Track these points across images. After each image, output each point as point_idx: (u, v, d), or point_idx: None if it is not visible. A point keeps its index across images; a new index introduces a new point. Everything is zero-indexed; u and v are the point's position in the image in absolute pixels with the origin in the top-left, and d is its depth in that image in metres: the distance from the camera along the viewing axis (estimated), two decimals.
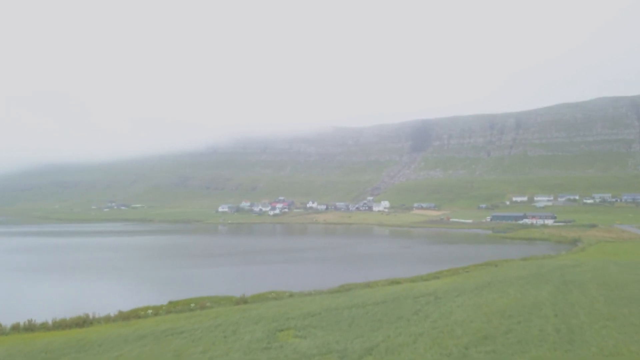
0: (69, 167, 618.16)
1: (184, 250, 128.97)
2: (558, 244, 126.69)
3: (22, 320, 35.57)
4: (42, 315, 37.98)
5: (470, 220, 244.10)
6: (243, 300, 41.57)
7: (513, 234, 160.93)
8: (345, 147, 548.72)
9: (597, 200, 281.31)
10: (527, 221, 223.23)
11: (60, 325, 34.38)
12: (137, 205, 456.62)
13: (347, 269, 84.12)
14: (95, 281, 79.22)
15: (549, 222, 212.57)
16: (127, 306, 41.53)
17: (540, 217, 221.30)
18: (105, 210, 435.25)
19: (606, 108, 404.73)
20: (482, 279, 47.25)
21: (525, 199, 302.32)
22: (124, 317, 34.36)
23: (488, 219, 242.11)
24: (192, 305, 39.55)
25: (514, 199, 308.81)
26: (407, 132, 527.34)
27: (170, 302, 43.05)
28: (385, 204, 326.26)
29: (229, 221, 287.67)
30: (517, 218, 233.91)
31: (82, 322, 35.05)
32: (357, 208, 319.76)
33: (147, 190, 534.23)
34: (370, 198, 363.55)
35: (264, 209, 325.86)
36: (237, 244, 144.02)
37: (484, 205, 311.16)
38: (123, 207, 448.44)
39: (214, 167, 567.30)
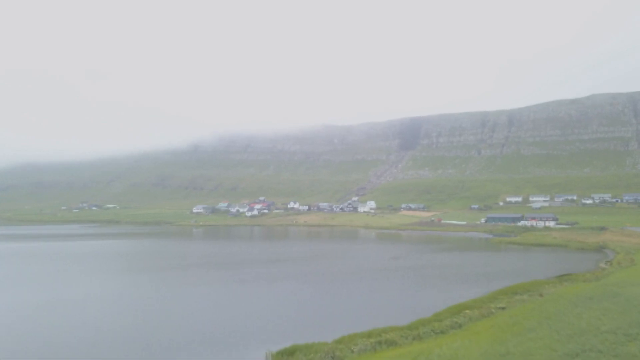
0: (46, 167, 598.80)
1: (125, 260, 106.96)
2: (580, 251, 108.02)
3: None
4: None
5: (463, 222, 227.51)
6: None
7: (519, 238, 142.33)
8: (331, 146, 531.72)
9: (597, 201, 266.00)
10: (526, 223, 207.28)
11: None
12: (110, 206, 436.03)
13: (312, 299, 60.63)
14: None
15: (551, 224, 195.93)
16: None
17: (541, 219, 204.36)
18: (75, 211, 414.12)
19: (602, 105, 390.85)
20: (549, 335, 26.07)
21: (520, 199, 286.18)
22: None
23: (483, 220, 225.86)
24: None
25: (508, 199, 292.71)
26: (396, 130, 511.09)
27: None
28: (372, 204, 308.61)
29: (201, 223, 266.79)
30: (514, 219, 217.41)
31: None
32: (342, 209, 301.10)
33: (124, 190, 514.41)
34: (355, 198, 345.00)
35: (241, 210, 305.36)
36: (193, 253, 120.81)
37: (476, 206, 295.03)
38: (94, 208, 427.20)
39: (195, 166, 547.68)
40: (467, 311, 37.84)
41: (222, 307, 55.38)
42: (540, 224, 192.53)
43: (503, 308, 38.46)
